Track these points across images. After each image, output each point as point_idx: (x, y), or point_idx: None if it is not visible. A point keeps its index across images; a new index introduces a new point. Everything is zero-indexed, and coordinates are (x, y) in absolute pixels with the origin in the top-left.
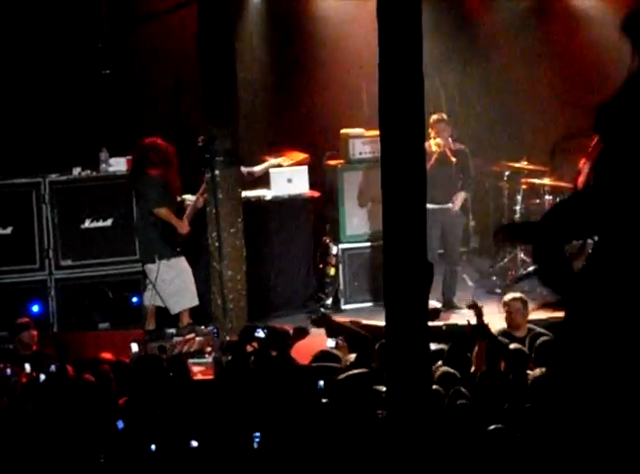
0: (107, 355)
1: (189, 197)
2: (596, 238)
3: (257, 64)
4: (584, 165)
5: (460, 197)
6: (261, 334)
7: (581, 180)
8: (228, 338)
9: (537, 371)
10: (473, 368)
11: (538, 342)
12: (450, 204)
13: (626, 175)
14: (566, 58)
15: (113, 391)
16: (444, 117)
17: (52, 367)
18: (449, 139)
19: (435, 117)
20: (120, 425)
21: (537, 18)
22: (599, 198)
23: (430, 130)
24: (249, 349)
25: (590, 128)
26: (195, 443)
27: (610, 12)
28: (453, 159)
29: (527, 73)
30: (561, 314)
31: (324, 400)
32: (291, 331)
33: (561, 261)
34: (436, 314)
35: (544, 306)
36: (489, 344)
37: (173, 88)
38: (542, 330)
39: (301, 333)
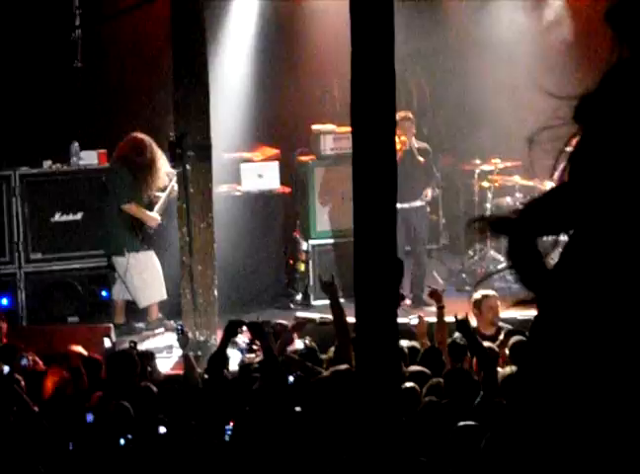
0: (77, 349)
1: (159, 194)
2: (569, 233)
3: (229, 59)
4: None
5: (430, 191)
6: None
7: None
8: (197, 333)
9: (507, 369)
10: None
11: (512, 340)
12: (418, 202)
13: (605, 167)
14: (544, 51)
15: (85, 385)
16: (410, 115)
17: (24, 361)
18: (413, 138)
19: (401, 114)
20: (89, 418)
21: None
22: (575, 192)
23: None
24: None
25: (570, 118)
26: (163, 429)
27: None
28: (420, 158)
29: (501, 68)
30: (533, 312)
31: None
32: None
33: (534, 256)
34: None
35: (517, 304)
36: (466, 340)
37: (145, 82)
38: (508, 326)
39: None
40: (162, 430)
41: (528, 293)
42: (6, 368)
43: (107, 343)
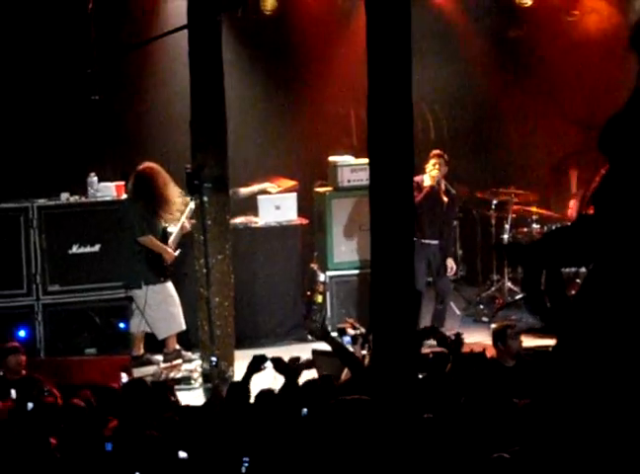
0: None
1: (170, 228)
2: (590, 266)
3: (247, 90)
4: (577, 195)
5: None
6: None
7: (573, 210)
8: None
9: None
10: None
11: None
12: (436, 241)
13: (631, 199)
14: (563, 76)
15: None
16: (444, 154)
17: (29, 405)
18: (443, 179)
19: (435, 151)
20: (109, 447)
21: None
22: (599, 225)
23: (426, 164)
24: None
25: (594, 146)
26: (183, 454)
27: (608, 24)
28: (445, 198)
29: (517, 97)
30: (545, 342)
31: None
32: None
33: (557, 286)
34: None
35: (529, 332)
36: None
37: (162, 114)
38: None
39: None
40: (182, 454)
41: (542, 323)
42: (30, 405)
43: (124, 377)
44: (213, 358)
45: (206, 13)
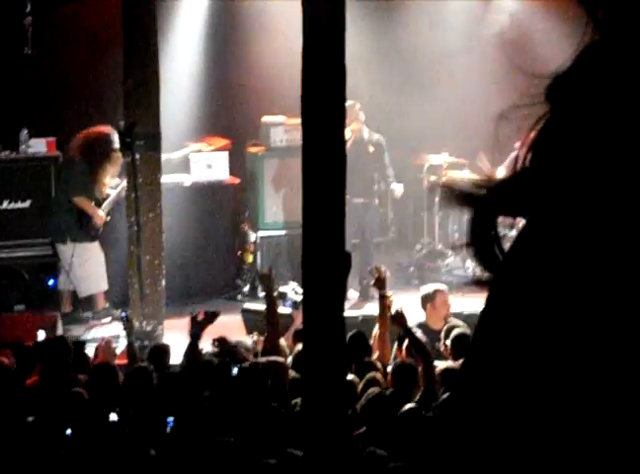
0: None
1: (109, 191)
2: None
3: (180, 50)
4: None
5: (399, 191)
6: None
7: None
8: (144, 323)
9: (444, 364)
10: (377, 354)
11: (454, 333)
12: (366, 200)
13: (568, 153)
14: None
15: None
16: (357, 103)
17: None
18: (365, 128)
19: (349, 102)
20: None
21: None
22: (538, 176)
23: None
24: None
25: (539, 96)
26: (114, 417)
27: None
28: (371, 148)
29: (455, 61)
30: (479, 306)
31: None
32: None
33: (494, 236)
34: None
35: (475, 283)
36: (403, 333)
37: (96, 70)
38: (458, 322)
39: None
40: (113, 417)
41: (485, 276)
42: None
43: (41, 335)
44: (123, 314)
45: None
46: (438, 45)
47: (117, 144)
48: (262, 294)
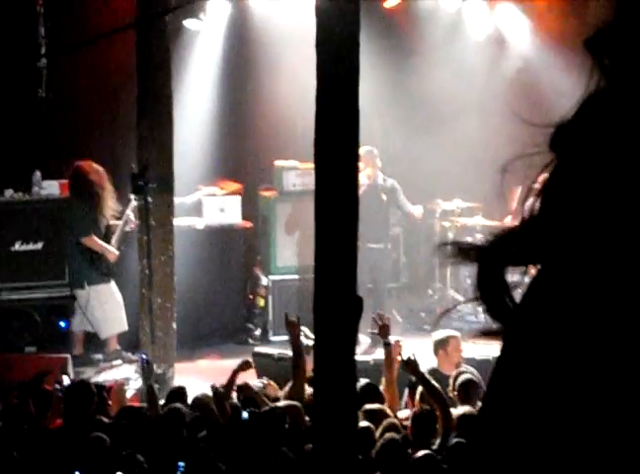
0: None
1: (115, 223)
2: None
3: (193, 93)
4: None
5: (418, 211)
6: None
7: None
8: (155, 366)
9: (461, 409)
10: (387, 404)
11: (461, 379)
12: (381, 244)
13: (577, 200)
14: (509, 99)
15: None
16: (374, 149)
17: None
18: (380, 173)
19: (367, 148)
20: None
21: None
22: (547, 224)
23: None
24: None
25: (544, 146)
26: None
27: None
28: (384, 196)
29: (466, 110)
30: (491, 352)
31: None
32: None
33: (503, 286)
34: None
35: (484, 334)
36: (416, 380)
37: (109, 112)
38: (470, 368)
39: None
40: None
41: (495, 326)
42: None
43: (66, 379)
44: (144, 356)
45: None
46: (451, 91)
47: (96, 176)
48: (274, 338)
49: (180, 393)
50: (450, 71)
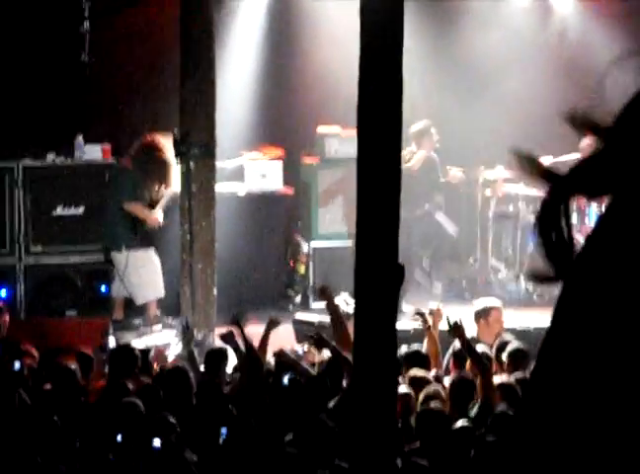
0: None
1: (163, 190)
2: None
3: (236, 58)
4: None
5: (458, 175)
6: None
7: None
8: (195, 331)
9: (504, 377)
10: (435, 370)
11: (510, 348)
12: (422, 210)
13: None
14: (554, 64)
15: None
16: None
17: (17, 365)
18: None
19: (424, 123)
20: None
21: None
22: (619, 154)
23: (422, 138)
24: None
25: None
26: (157, 443)
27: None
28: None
29: (512, 77)
30: (531, 322)
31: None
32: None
33: (567, 222)
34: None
35: (535, 278)
36: (462, 346)
37: (152, 77)
38: (511, 337)
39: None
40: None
41: (549, 270)
42: (17, 365)
43: (111, 342)
44: (185, 321)
45: None
46: (495, 57)
47: (169, 153)
48: (314, 305)
49: (220, 354)
50: (495, 36)
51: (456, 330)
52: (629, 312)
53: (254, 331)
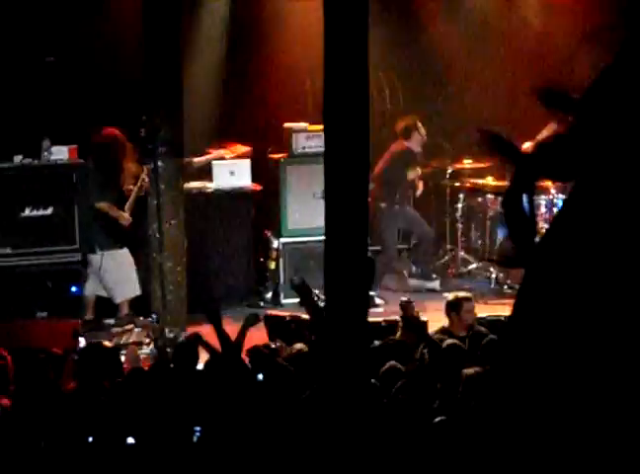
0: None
1: (130, 187)
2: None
3: (202, 56)
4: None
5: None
6: None
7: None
8: (167, 330)
9: (471, 370)
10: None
11: (484, 341)
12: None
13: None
14: (519, 50)
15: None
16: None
17: None
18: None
19: (414, 118)
20: None
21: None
22: (583, 137)
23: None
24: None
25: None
26: (131, 440)
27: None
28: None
29: (476, 66)
30: (502, 313)
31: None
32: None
33: (530, 206)
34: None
35: (499, 262)
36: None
37: (117, 77)
38: (483, 329)
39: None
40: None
41: (513, 253)
42: None
43: (81, 342)
44: (154, 316)
45: None
46: (461, 48)
47: (123, 150)
48: (285, 301)
49: (189, 346)
50: (459, 28)
51: (413, 327)
52: (587, 295)
53: (225, 328)
